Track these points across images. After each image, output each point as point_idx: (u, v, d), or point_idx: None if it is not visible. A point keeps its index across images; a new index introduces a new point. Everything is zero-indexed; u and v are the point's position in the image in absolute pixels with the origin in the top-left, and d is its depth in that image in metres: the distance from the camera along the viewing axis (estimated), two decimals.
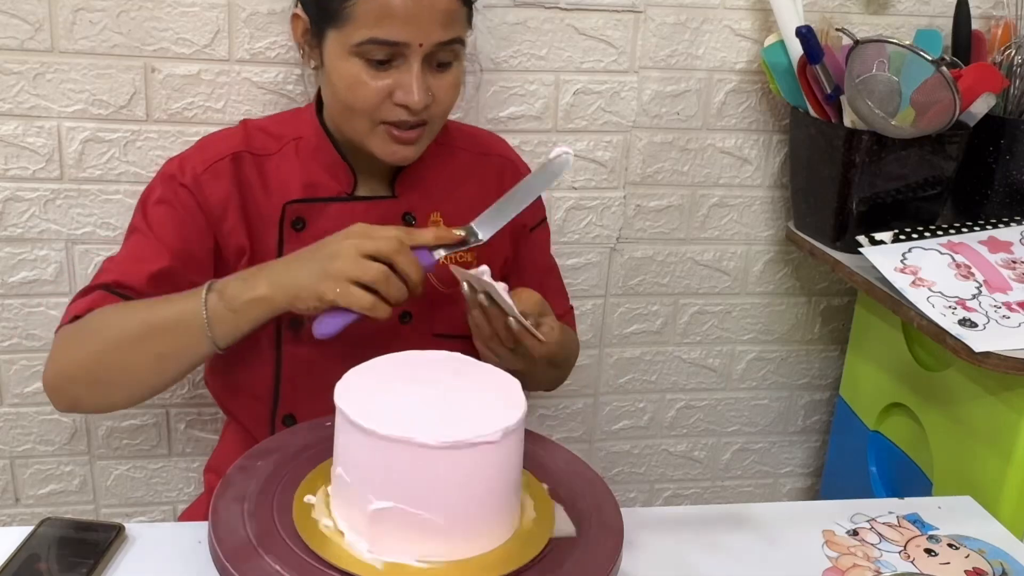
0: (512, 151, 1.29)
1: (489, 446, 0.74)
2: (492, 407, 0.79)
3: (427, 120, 1.07)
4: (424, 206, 1.16)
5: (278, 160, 1.14)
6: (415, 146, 1.09)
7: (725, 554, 0.96)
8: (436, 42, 1.02)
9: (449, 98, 1.07)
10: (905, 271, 1.32)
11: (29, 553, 0.86)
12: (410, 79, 1.02)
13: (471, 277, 0.96)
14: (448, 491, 0.75)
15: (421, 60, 1.02)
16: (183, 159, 1.13)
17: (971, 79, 1.35)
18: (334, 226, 1.09)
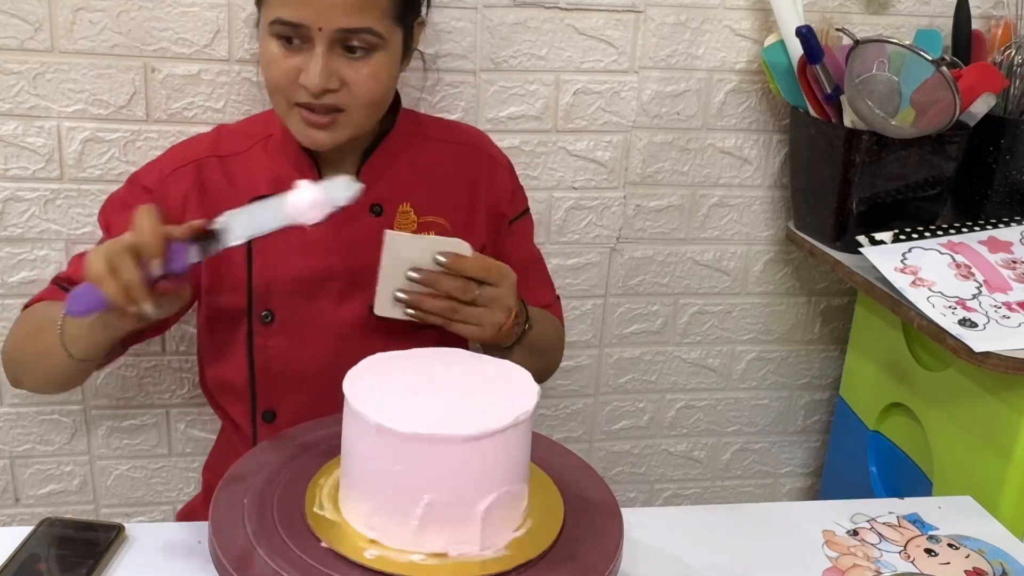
0: (490, 144, 1.27)
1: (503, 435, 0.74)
2: (505, 396, 0.79)
3: (341, 107, 1.05)
4: (393, 197, 1.16)
5: (246, 159, 1.15)
6: (329, 132, 1.07)
7: (725, 554, 0.96)
8: (337, 28, 1.01)
9: (367, 88, 1.05)
10: (905, 271, 1.32)
11: (29, 553, 0.86)
12: (312, 61, 1.02)
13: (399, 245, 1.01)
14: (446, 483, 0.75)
15: (327, 44, 1.02)
16: (150, 165, 1.18)
17: (971, 79, 1.35)
18: None
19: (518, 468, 0.80)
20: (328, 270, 1.14)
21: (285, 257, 1.14)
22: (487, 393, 0.81)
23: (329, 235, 1.12)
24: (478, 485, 0.76)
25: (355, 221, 1.13)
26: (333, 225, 1.09)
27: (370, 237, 1.12)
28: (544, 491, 0.87)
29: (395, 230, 1.12)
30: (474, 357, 0.89)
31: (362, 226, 1.14)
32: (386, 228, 1.13)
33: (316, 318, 1.14)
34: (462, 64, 1.43)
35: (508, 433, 0.76)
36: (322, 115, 1.06)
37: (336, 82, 1.04)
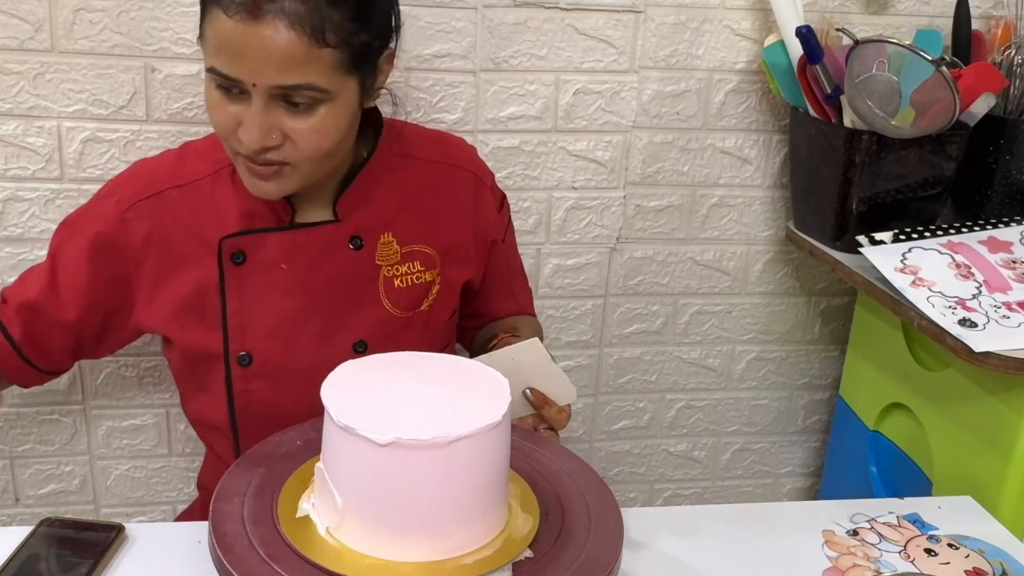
0: (476, 161, 1.21)
1: (439, 449, 0.74)
2: (475, 406, 0.79)
3: (285, 161, 0.98)
4: (373, 227, 1.10)
5: (211, 186, 1.08)
6: (275, 183, 0.99)
7: (725, 554, 0.96)
8: (272, 85, 0.92)
9: (309, 143, 0.96)
10: (905, 271, 1.32)
11: (29, 553, 0.86)
12: (250, 116, 0.94)
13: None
14: (395, 488, 0.75)
15: (264, 99, 0.93)
16: (113, 191, 1.10)
17: (971, 79, 1.35)
18: (275, 257, 1.07)
19: (498, 470, 0.79)
20: (307, 309, 1.08)
21: (262, 296, 1.08)
22: (462, 397, 0.80)
23: (307, 272, 1.08)
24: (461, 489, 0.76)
25: (334, 256, 1.08)
26: (310, 263, 1.08)
27: (353, 273, 1.09)
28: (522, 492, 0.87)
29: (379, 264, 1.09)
30: (448, 360, 0.88)
31: (342, 261, 1.09)
32: (369, 261, 1.09)
33: (297, 360, 1.08)
34: (462, 64, 1.43)
35: (485, 436, 0.76)
36: (265, 167, 0.98)
37: (277, 138, 0.96)
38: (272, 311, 1.08)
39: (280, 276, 1.08)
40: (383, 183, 1.11)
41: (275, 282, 1.08)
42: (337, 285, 1.09)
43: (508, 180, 1.50)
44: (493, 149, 1.48)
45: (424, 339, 1.14)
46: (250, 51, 0.91)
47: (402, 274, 1.11)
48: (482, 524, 0.79)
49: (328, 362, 0.96)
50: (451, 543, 0.77)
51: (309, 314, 1.09)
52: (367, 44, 0.97)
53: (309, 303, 1.08)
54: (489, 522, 0.80)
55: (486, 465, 0.78)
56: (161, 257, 1.08)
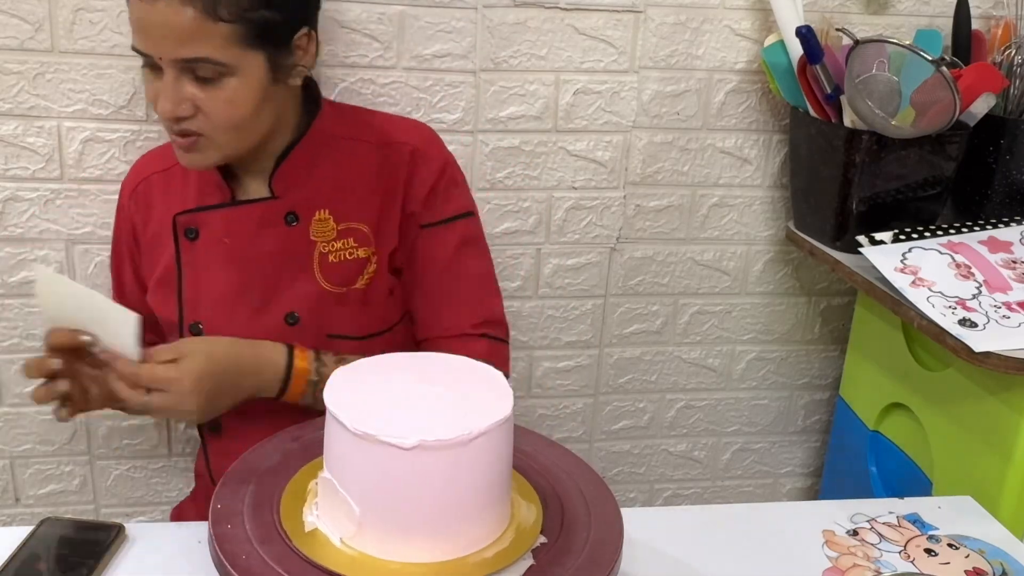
0: (430, 142, 1.19)
1: (462, 447, 0.74)
2: (481, 402, 0.79)
3: (199, 132, 1.05)
4: (309, 204, 1.14)
5: (182, 170, 1.17)
6: (194, 154, 1.07)
7: (725, 554, 0.96)
8: (174, 58, 1.00)
9: (223, 114, 1.03)
10: (905, 271, 1.32)
11: (29, 553, 0.86)
12: (163, 88, 1.02)
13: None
14: (420, 491, 0.75)
15: (174, 72, 1.01)
16: (123, 184, 1.26)
17: (971, 79, 1.35)
18: (220, 232, 1.14)
19: (508, 463, 0.80)
20: (245, 282, 1.14)
21: (209, 270, 1.15)
22: (465, 394, 0.80)
23: (245, 247, 1.14)
24: (479, 485, 0.77)
25: (270, 231, 1.13)
26: (248, 237, 1.14)
27: (288, 248, 1.13)
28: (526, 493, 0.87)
29: (315, 240, 1.13)
30: (439, 359, 0.88)
31: (277, 236, 1.13)
32: (303, 237, 1.12)
33: (236, 330, 1.12)
34: (462, 64, 1.43)
35: (500, 430, 0.76)
36: (183, 138, 1.05)
37: (189, 108, 1.03)
38: (217, 283, 1.15)
39: (224, 250, 1.15)
40: (321, 162, 1.15)
41: (220, 256, 1.15)
42: (273, 259, 1.14)
43: (508, 180, 1.50)
44: (493, 149, 1.48)
45: (361, 316, 1.16)
46: (153, 28, 0.99)
47: (336, 250, 1.15)
48: (496, 517, 0.80)
49: (262, 333, 1.10)
50: (470, 539, 0.78)
51: (247, 287, 1.14)
52: (268, 20, 1.02)
53: (248, 276, 1.14)
54: (501, 514, 0.81)
55: (500, 459, 0.78)
56: (148, 237, 1.20)
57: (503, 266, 1.55)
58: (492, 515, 0.79)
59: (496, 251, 1.53)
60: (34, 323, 1.44)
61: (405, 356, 0.89)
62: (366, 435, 0.74)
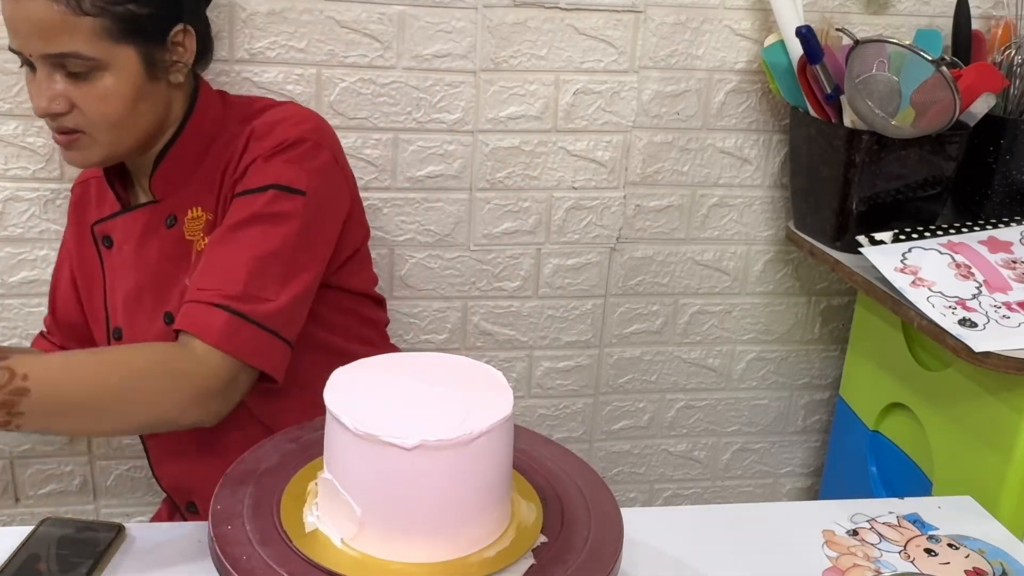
0: (281, 118, 1.10)
1: (463, 447, 0.74)
2: (481, 400, 0.79)
3: (79, 129, 1.03)
4: (183, 203, 1.12)
5: (102, 179, 1.19)
6: (76, 152, 1.06)
7: (725, 554, 0.96)
8: (41, 54, 1.00)
9: (98, 110, 1.02)
10: (905, 271, 1.32)
11: (29, 553, 0.86)
12: (34, 85, 1.03)
13: None
14: (422, 491, 0.75)
15: (46, 68, 1.01)
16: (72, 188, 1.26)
17: (971, 79, 1.35)
18: (120, 239, 1.16)
19: (509, 463, 0.80)
20: (141, 287, 1.15)
21: (119, 276, 1.17)
22: (465, 393, 0.81)
23: (137, 252, 1.15)
24: (481, 484, 0.77)
25: (155, 237, 1.13)
26: (138, 244, 1.15)
27: (170, 250, 1.13)
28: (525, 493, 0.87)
29: (190, 239, 1.11)
30: (436, 358, 0.88)
31: (162, 240, 1.13)
32: (180, 238, 1.12)
33: (141, 334, 1.15)
34: (462, 64, 1.43)
35: (501, 429, 0.76)
36: (62, 135, 1.05)
37: (63, 104, 1.01)
38: (122, 289, 1.16)
39: (124, 257, 1.16)
40: (191, 159, 1.12)
41: (123, 262, 1.16)
42: (160, 262, 1.14)
43: (508, 180, 1.50)
44: (493, 149, 1.48)
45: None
46: (20, 25, 0.99)
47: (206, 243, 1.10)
48: (497, 516, 0.80)
49: (156, 335, 1.10)
50: (471, 539, 0.78)
51: (141, 290, 1.15)
52: (135, 14, 1.01)
53: (140, 280, 1.15)
54: (502, 514, 0.81)
55: (501, 459, 0.78)
56: (76, 244, 1.22)
57: (503, 266, 1.55)
58: (493, 515, 0.79)
59: (496, 251, 1.53)
60: (34, 323, 1.44)
61: (405, 356, 0.89)
62: (367, 435, 0.74)
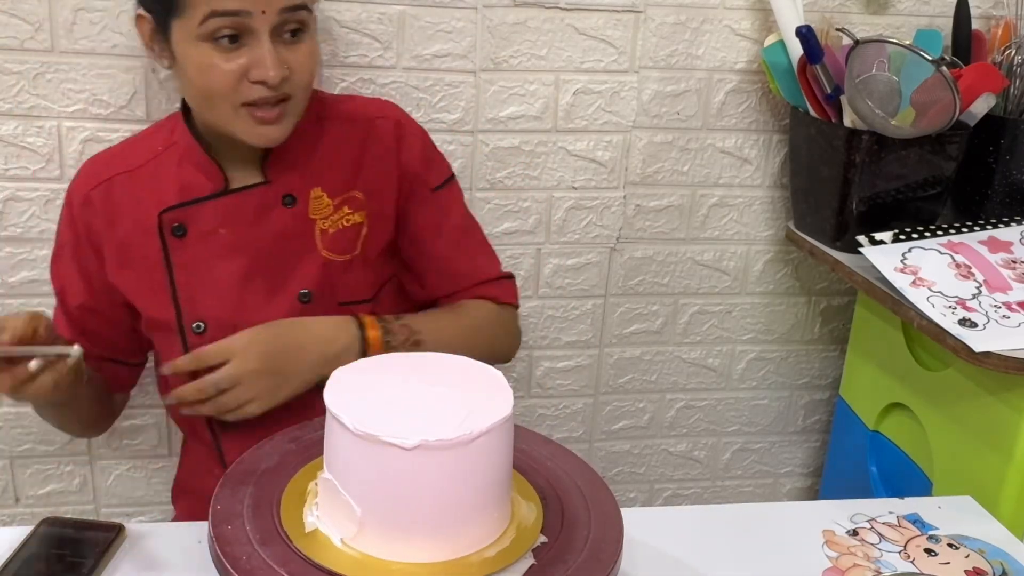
0: (402, 114, 1.22)
1: (463, 447, 0.74)
2: (481, 400, 0.79)
3: (288, 95, 1.05)
4: (302, 185, 1.14)
5: (153, 169, 1.14)
6: (280, 125, 1.07)
7: (725, 554, 0.96)
8: (279, 8, 1.00)
9: (306, 69, 1.06)
10: (905, 271, 1.32)
11: (29, 553, 0.86)
12: (263, 53, 1.01)
13: None
14: (422, 491, 0.75)
15: (270, 32, 1.01)
16: (70, 191, 1.17)
17: (971, 79, 1.35)
18: (214, 224, 1.13)
19: (509, 463, 0.80)
20: (250, 269, 1.14)
21: (206, 264, 1.13)
22: (466, 393, 0.81)
23: (246, 234, 1.13)
24: (480, 485, 0.77)
25: (269, 216, 1.13)
26: (247, 224, 1.13)
27: (289, 230, 1.14)
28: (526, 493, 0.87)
29: (314, 218, 1.14)
30: (439, 358, 0.88)
31: (277, 219, 1.14)
32: (303, 216, 1.13)
33: (247, 319, 1.11)
34: (462, 64, 1.43)
35: (500, 429, 0.76)
36: (270, 109, 1.05)
37: (285, 69, 1.03)
38: (217, 277, 1.13)
39: (220, 242, 1.14)
40: (305, 144, 1.15)
41: (216, 248, 1.13)
42: (275, 242, 1.14)
43: (508, 180, 1.50)
44: (493, 149, 1.48)
45: (364, 280, 1.18)
46: None
47: (334, 220, 1.16)
48: (497, 516, 0.80)
49: (276, 315, 1.10)
50: (471, 539, 0.78)
51: (252, 274, 1.14)
52: None
53: (251, 263, 1.14)
54: (502, 514, 0.81)
55: (501, 459, 0.79)
56: (115, 240, 1.15)
57: (504, 266, 1.55)
58: (493, 515, 0.79)
59: (496, 251, 1.53)
60: None
61: (405, 356, 0.89)
62: (367, 435, 0.74)
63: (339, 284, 1.16)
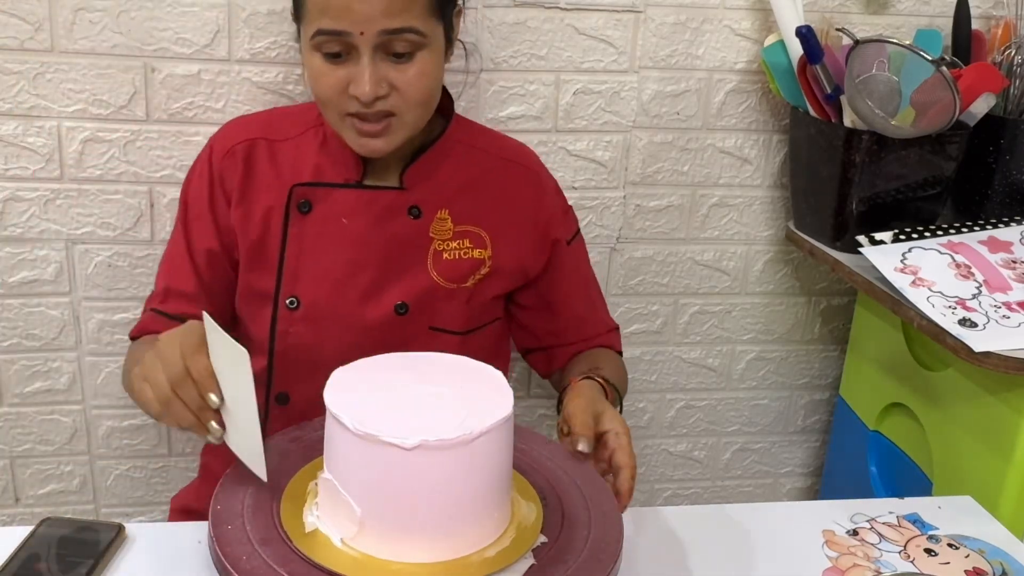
0: (539, 163, 1.26)
1: (463, 447, 0.74)
2: (481, 401, 0.79)
3: (393, 111, 1.06)
4: (432, 201, 1.17)
5: (296, 143, 1.17)
6: (384, 138, 1.08)
7: (725, 554, 0.96)
8: (379, 30, 1.01)
9: (415, 89, 1.05)
10: (905, 271, 1.32)
11: (29, 553, 0.86)
12: (359, 70, 1.03)
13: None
14: (422, 491, 0.75)
15: (372, 50, 1.02)
16: (211, 143, 1.20)
17: (971, 79, 1.35)
18: (338, 211, 1.15)
19: (508, 463, 0.80)
20: (359, 264, 1.15)
21: (319, 246, 1.15)
22: (466, 393, 0.81)
23: (366, 230, 1.15)
24: (481, 485, 0.77)
25: (393, 220, 1.15)
26: (370, 221, 1.15)
27: (409, 240, 1.16)
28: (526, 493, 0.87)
29: (432, 236, 1.15)
30: (437, 358, 0.88)
31: (399, 226, 1.16)
32: (423, 232, 1.15)
33: (341, 309, 1.15)
34: (462, 64, 1.43)
35: (501, 430, 0.76)
36: (375, 123, 1.06)
37: (385, 87, 1.04)
38: (326, 260, 1.15)
39: (339, 229, 1.15)
40: (447, 164, 1.18)
41: (334, 234, 1.15)
42: (391, 247, 1.15)
43: None
44: None
45: (463, 314, 1.19)
46: (358, 4, 1.00)
47: (452, 249, 1.18)
48: (497, 516, 0.80)
49: (369, 316, 1.12)
50: (471, 539, 0.78)
51: (360, 268, 1.15)
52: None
53: (362, 258, 1.15)
54: (502, 514, 0.81)
55: (501, 459, 0.79)
56: (246, 197, 1.16)
57: None
58: (493, 515, 0.79)
59: None
60: (34, 323, 1.44)
61: (405, 356, 0.89)
62: (367, 435, 0.74)
63: (438, 308, 1.18)
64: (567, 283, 1.27)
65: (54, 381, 1.48)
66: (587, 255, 1.32)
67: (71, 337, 1.46)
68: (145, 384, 0.86)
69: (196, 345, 0.84)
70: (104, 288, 1.44)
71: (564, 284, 1.27)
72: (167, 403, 0.84)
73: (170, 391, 0.83)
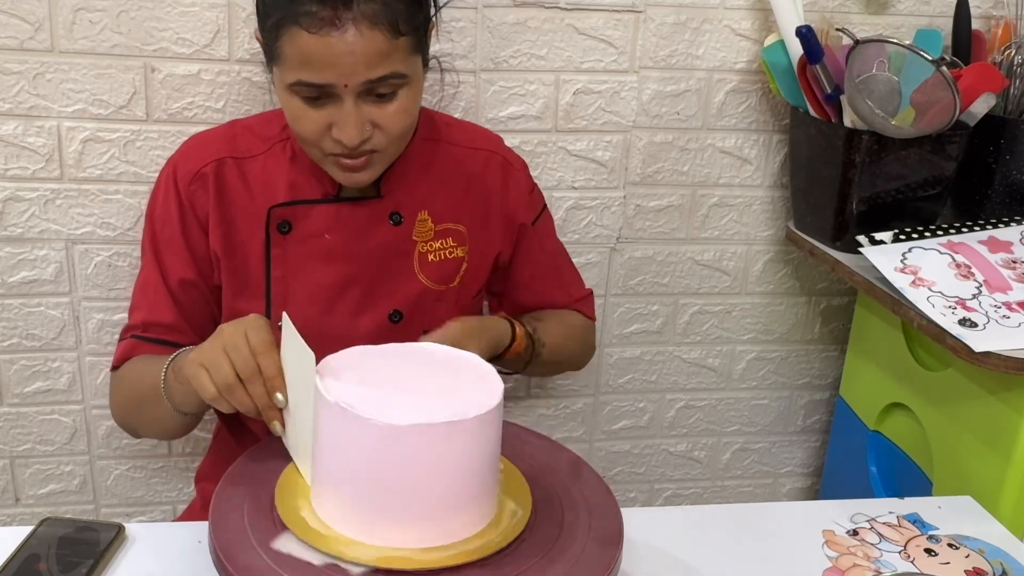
0: (503, 147, 1.27)
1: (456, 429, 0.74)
2: (473, 387, 0.79)
3: (376, 149, 1.05)
4: (411, 205, 1.17)
5: (264, 161, 1.15)
6: (368, 170, 1.07)
7: (725, 554, 0.96)
8: (362, 81, 1.00)
9: (397, 125, 1.05)
10: (905, 271, 1.32)
11: (29, 553, 0.86)
12: (343, 116, 1.01)
13: None
14: (410, 474, 0.75)
15: (355, 96, 1.01)
16: (174, 165, 1.16)
17: (971, 79, 1.35)
18: (320, 227, 1.14)
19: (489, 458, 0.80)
20: (348, 279, 1.15)
21: (305, 265, 1.14)
22: (455, 387, 0.81)
23: (350, 243, 1.14)
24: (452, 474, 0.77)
25: (375, 230, 1.15)
26: (353, 234, 1.14)
27: (393, 247, 1.15)
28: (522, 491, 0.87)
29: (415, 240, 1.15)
30: (423, 348, 0.89)
31: (382, 235, 1.15)
32: (406, 237, 1.15)
33: (335, 328, 1.13)
34: (462, 64, 1.43)
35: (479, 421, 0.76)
36: (356, 160, 1.05)
37: (369, 129, 1.03)
38: (313, 279, 1.14)
39: (323, 246, 1.14)
40: (418, 165, 1.17)
41: (317, 251, 1.14)
42: (377, 257, 1.15)
43: None
44: None
45: (453, 314, 1.18)
46: (339, 58, 0.98)
47: (435, 249, 1.18)
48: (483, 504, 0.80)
49: (363, 329, 1.12)
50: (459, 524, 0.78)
51: (349, 283, 1.15)
52: (425, 22, 1.06)
53: (349, 273, 1.15)
54: (489, 502, 0.81)
55: (490, 445, 0.79)
56: (221, 223, 1.14)
57: None
58: (479, 503, 0.79)
59: None
60: (34, 323, 1.44)
61: (396, 345, 0.89)
62: (357, 417, 0.74)
63: (429, 312, 1.18)
64: (532, 264, 1.28)
65: (54, 381, 1.48)
66: (553, 227, 1.33)
67: (71, 337, 1.46)
68: (202, 370, 0.86)
69: (268, 342, 0.85)
70: (104, 288, 1.44)
71: (530, 266, 1.28)
72: (229, 390, 0.85)
73: (235, 380, 0.84)
